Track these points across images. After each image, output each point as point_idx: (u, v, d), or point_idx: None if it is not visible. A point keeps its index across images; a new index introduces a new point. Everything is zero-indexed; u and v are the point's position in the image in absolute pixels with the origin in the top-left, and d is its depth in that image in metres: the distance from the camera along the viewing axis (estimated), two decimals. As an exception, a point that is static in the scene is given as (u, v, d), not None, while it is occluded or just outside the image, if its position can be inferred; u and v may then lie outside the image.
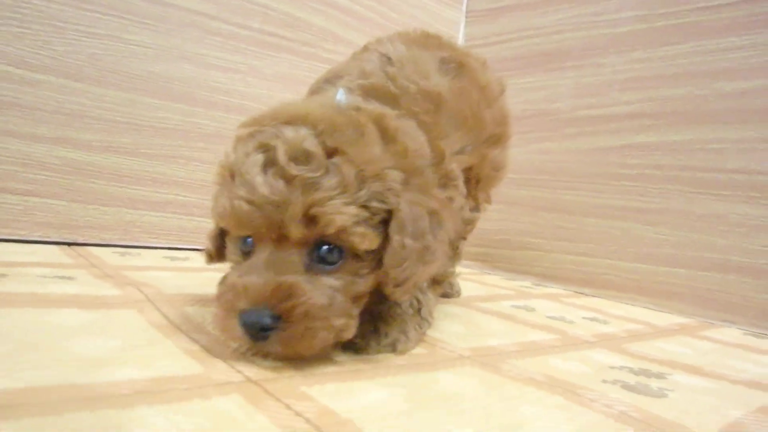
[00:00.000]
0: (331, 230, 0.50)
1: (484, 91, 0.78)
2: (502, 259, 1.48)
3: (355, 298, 0.54)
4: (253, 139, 0.54)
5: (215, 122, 1.22)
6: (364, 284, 0.54)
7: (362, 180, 0.52)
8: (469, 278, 1.29)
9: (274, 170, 0.50)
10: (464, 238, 0.72)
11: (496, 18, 1.61)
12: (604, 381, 0.58)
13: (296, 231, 0.50)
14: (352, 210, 0.51)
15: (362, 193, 0.52)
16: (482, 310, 0.91)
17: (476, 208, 0.77)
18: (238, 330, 0.49)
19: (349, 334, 0.53)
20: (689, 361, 0.73)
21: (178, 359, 0.48)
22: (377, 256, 0.54)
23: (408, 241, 0.54)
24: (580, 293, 1.29)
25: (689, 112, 1.18)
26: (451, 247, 0.66)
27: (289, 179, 0.50)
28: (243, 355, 0.51)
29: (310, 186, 0.50)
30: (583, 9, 1.39)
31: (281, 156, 0.50)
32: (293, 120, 0.54)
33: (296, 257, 0.52)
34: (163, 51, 1.15)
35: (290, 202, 0.49)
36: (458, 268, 0.98)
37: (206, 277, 0.89)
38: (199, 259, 1.05)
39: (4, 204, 1.00)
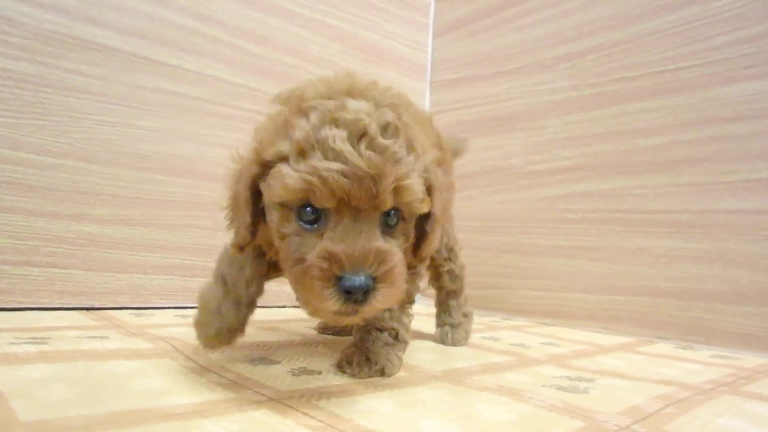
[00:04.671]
0: (409, 199, 0.56)
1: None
2: (474, 299, 1.54)
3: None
4: (317, 112, 0.55)
5: (215, 193, 1.30)
6: (407, 243, 0.61)
7: (422, 154, 0.59)
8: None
9: (366, 143, 0.53)
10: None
11: (455, 87, 1.76)
12: (543, 386, 0.71)
13: (389, 201, 0.54)
14: (421, 182, 0.58)
15: (420, 165, 0.58)
16: (455, 342, 1.03)
17: None
18: (335, 295, 0.52)
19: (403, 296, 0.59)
20: (618, 369, 0.86)
21: (214, 389, 0.59)
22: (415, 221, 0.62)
23: (439, 213, 0.63)
24: (542, 324, 1.42)
25: (616, 164, 1.33)
26: None
27: (381, 152, 0.53)
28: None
29: (397, 159, 0.54)
30: (526, 80, 1.55)
31: (373, 129, 0.53)
32: (352, 93, 0.58)
33: (374, 224, 0.55)
34: (168, 133, 1.26)
35: (385, 174, 0.53)
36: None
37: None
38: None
39: (28, 276, 1.09)
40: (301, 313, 1.27)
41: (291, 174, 0.53)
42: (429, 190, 0.60)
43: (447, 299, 1.05)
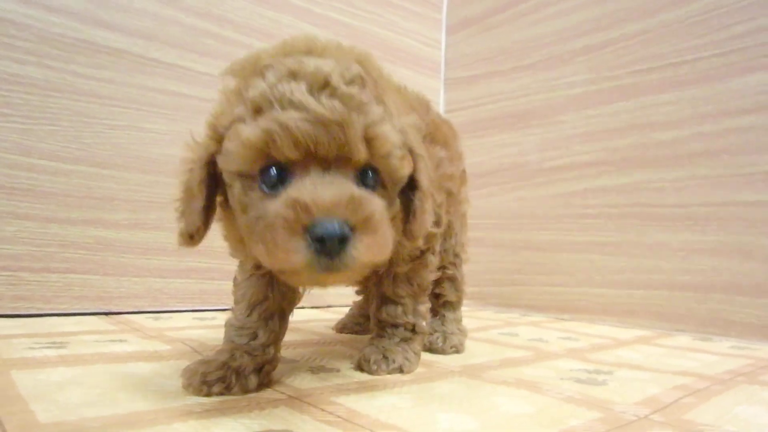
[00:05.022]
0: (383, 151, 0.50)
1: None
2: (493, 296, 1.60)
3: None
4: (273, 70, 0.50)
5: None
6: (390, 212, 0.54)
7: (397, 112, 0.54)
8: (464, 314, 1.40)
9: (328, 92, 0.48)
10: None
11: (471, 84, 1.75)
12: (561, 378, 0.71)
13: (361, 150, 0.49)
14: (397, 135, 0.52)
15: (396, 122, 0.53)
16: (474, 338, 1.03)
17: None
18: (304, 248, 0.45)
19: (390, 251, 0.52)
20: (636, 362, 0.86)
21: (233, 388, 0.60)
22: (398, 191, 0.56)
23: (426, 183, 0.57)
24: (560, 319, 1.41)
25: (635, 158, 1.32)
26: None
27: (345, 101, 0.48)
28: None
29: (365, 108, 0.49)
30: (543, 75, 1.54)
31: (335, 79, 0.48)
32: (312, 53, 0.52)
33: (347, 178, 0.49)
34: (178, 136, 1.18)
35: (352, 121, 0.48)
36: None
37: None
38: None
39: (46, 282, 1.09)
40: (319, 314, 1.27)
41: (247, 129, 0.48)
42: (409, 153, 0.55)
43: (443, 309, 0.94)
